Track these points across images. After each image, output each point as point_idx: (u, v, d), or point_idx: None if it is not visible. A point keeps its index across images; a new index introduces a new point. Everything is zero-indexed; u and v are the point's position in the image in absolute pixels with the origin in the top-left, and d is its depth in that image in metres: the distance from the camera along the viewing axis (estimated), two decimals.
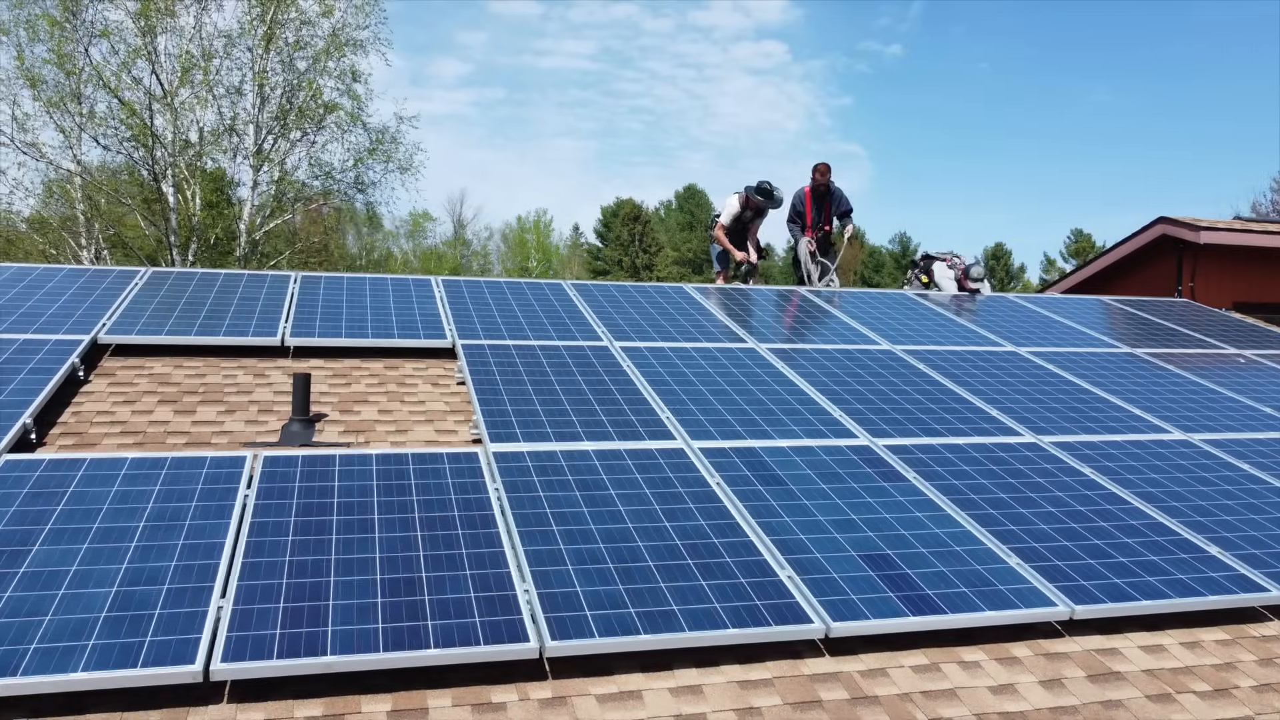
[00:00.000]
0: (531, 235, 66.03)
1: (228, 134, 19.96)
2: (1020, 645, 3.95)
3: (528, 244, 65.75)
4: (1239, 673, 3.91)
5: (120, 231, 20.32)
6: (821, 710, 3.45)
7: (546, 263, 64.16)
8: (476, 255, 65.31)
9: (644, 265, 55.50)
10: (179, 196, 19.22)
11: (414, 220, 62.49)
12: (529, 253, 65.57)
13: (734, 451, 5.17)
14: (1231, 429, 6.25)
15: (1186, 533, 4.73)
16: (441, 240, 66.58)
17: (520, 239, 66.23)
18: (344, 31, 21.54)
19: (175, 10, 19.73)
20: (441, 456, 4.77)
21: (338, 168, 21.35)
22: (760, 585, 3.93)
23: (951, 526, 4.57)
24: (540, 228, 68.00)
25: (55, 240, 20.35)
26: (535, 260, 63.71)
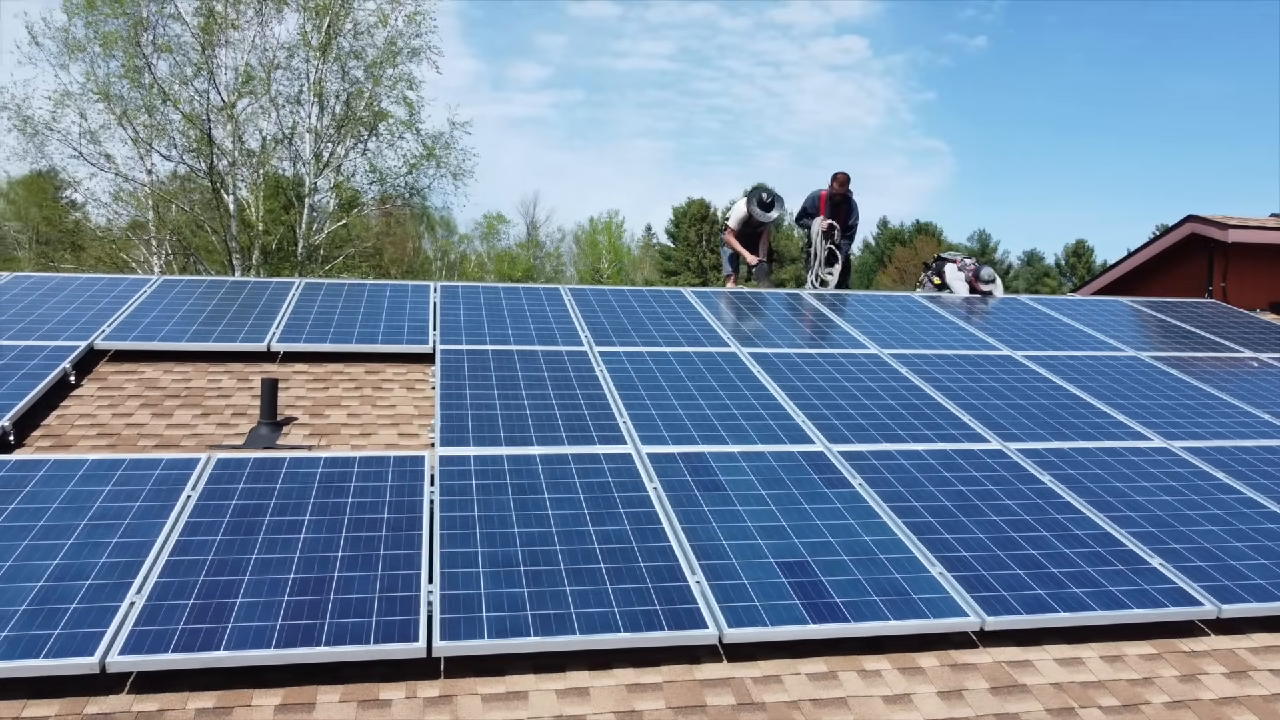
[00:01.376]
0: (603, 236, 66.47)
1: (286, 142, 20.61)
2: (929, 655, 3.93)
3: (599, 245, 66.18)
4: (1155, 688, 3.83)
5: (186, 239, 21.14)
6: (703, 715, 3.49)
7: (618, 264, 64.48)
8: (550, 257, 65.98)
9: (711, 265, 55.30)
10: (239, 205, 19.91)
11: (488, 223, 63.36)
12: (600, 254, 65.99)
13: (681, 456, 5.22)
14: (1220, 436, 6.06)
15: (1132, 544, 4.62)
16: (515, 242, 67.30)
17: (592, 240, 66.69)
18: (400, 40, 22.06)
19: (239, 24, 20.47)
20: (388, 460, 4.93)
21: (393, 173, 21.87)
22: (666, 590, 3.98)
23: (882, 534, 4.54)
24: (612, 229, 68.38)
25: (124, 246, 21.27)
26: (607, 261, 64.06)
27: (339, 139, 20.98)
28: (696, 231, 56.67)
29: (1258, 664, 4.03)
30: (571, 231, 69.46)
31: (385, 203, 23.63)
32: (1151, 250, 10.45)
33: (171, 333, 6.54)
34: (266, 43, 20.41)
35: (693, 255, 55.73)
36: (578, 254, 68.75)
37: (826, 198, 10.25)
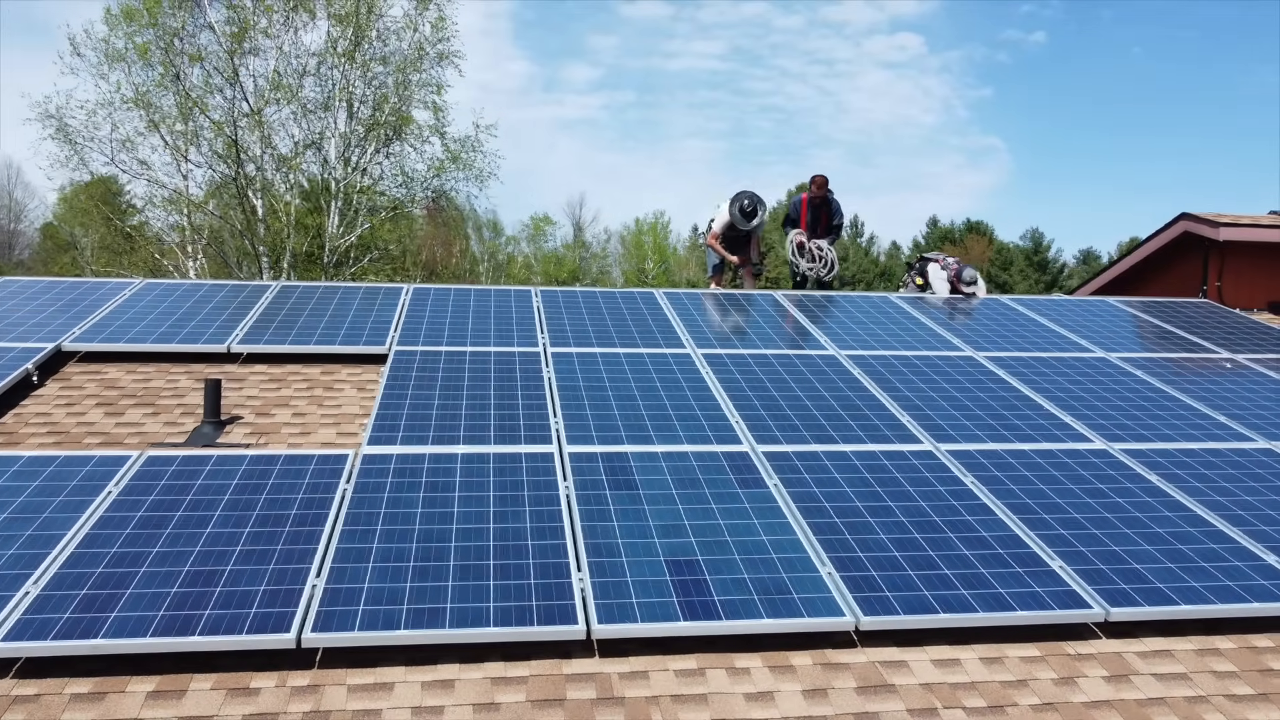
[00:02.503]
0: (649, 237, 66.63)
1: (314, 148, 21.05)
2: (804, 654, 3.96)
3: (644, 246, 66.37)
4: (1027, 691, 3.82)
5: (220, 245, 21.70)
6: (560, 709, 3.57)
7: (663, 264, 64.57)
8: (595, 257, 66.28)
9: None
10: (267, 210, 20.39)
11: (534, 224, 63.87)
12: (646, 255, 66.20)
13: (603, 456, 5.30)
14: (1166, 439, 5.97)
15: (1037, 546, 4.60)
16: (561, 244, 67.76)
17: (638, 241, 66.87)
18: (426, 44, 22.38)
19: (272, 32, 20.95)
20: (311, 458, 5.08)
21: (421, 177, 22.22)
22: (547, 587, 4.07)
23: (782, 534, 4.58)
24: (658, 230, 68.51)
25: (163, 251, 21.89)
26: (651, 262, 64.19)
27: (366, 144, 21.36)
28: None
29: (1141, 667, 3.99)
30: (617, 232, 69.69)
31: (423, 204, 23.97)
32: (1147, 249, 10.25)
33: (139, 334, 6.78)
34: (296, 50, 20.87)
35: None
36: (623, 255, 69.01)
37: (807, 201, 10.25)
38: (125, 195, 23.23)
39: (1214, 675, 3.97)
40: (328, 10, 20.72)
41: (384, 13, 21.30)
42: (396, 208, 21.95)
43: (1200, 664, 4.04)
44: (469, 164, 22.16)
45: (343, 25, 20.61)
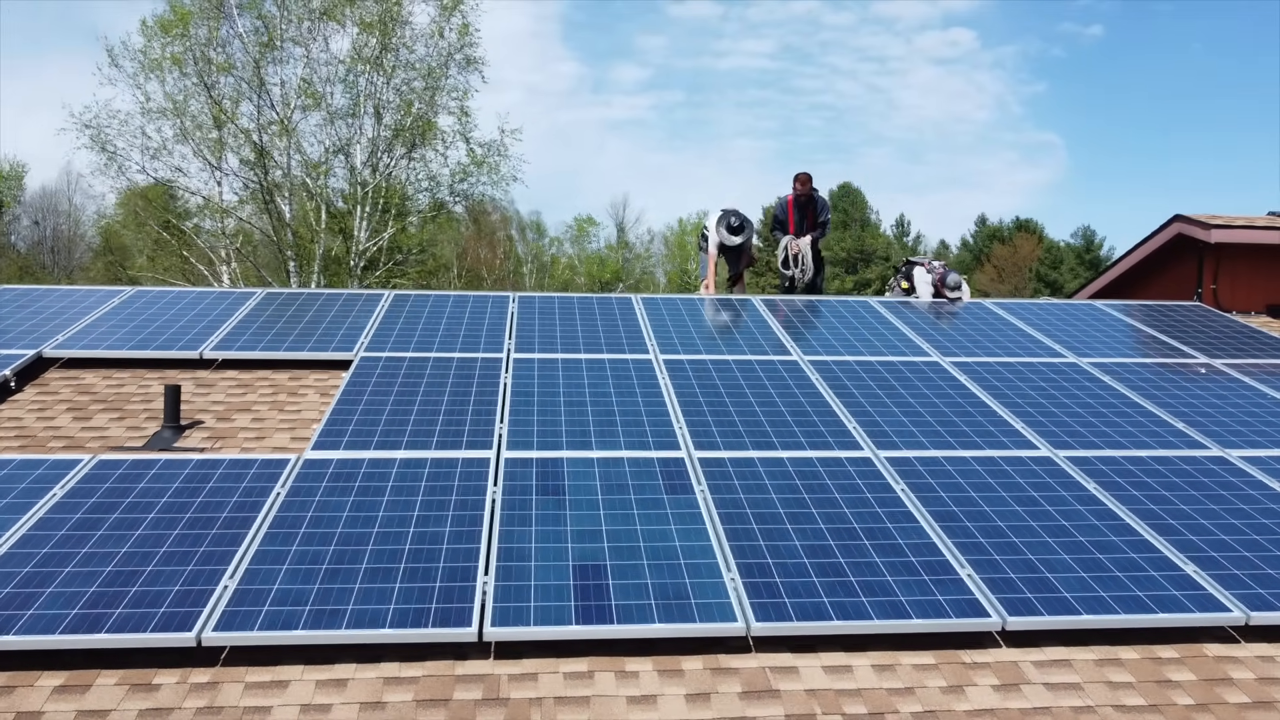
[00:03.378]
0: (692, 237, 66.60)
1: (340, 154, 21.48)
2: (695, 659, 4.03)
3: (688, 246, 66.38)
4: (912, 698, 3.85)
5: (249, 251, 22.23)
6: (444, 709, 3.69)
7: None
8: (638, 258, 66.44)
9: None
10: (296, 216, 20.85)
11: (578, 225, 64.18)
12: (689, 255, 66.23)
13: (538, 461, 5.41)
14: (1117, 446, 5.92)
15: (950, 554, 4.61)
16: (605, 244, 67.98)
17: (680, 241, 66.91)
18: (457, 51, 22.70)
19: (301, 40, 21.41)
20: (254, 462, 5.26)
21: (446, 182, 22.56)
22: (450, 590, 4.19)
23: (696, 540, 4.65)
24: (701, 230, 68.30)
25: (199, 256, 22.48)
26: (695, 263, 64.11)
27: (392, 149, 21.74)
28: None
29: (1035, 677, 4.00)
30: (660, 233, 69.72)
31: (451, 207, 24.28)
32: (1143, 252, 10.10)
33: (118, 341, 7.04)
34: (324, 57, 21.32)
35: (774, 255, 55.27)
36: (666, 256, 69.08)
37: (793, 201, 10.27)
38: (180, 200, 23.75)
39: (1108, 686, 3.97)
40: (353, 19, 21.11)
41: (409, 20, 21.69)
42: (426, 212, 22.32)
43: (1097, 674, 4.04)
44: (494, 168, 22.45)
45: (369, 33, 20.99)
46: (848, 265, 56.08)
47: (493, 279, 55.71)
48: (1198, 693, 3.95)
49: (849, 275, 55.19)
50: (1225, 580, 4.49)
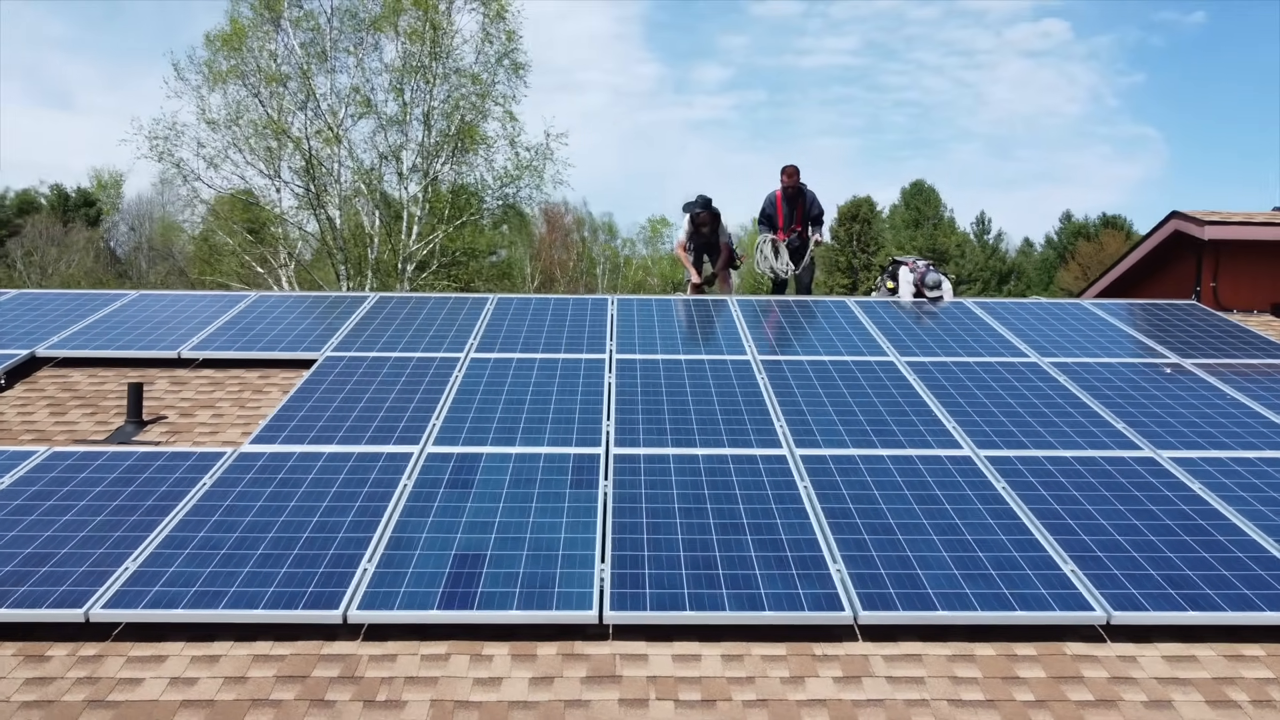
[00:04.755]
0: None
1: (392, 159, 22.15)
2: (552, 645, 4.20)
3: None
4: (750, 687, 3.95)
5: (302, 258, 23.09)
6: (300, 685, 3.94)
7: None
8: None
9: (861, 265, 54.29)
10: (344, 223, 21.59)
11: (651, 226, 64.50)
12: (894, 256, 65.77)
13: (458, 456, 5.64)
14: (1044, 445, 5.88)
15: (827, 549, 4.68)
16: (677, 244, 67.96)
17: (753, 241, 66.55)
18: (508, 56, 23.20)
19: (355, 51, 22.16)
20: (191, 455, 5.61)
21: (491, 187, 23.06)
22: (331, 574, 4.44)
23: (583, 532, 4.82)
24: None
25: (258, 259, 23.43)
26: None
27: (439, 154, 22.32)
28: (847, 230, 55.73)
29: (880, 670, 4.07)
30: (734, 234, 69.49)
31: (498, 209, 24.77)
32: (1142, 250, 9.87)
33: (107, 342, 7.52)
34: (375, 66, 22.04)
35: (842, 254, 54.90)
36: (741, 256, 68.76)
37: (781, 196, 10.30)
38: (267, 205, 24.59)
39: (952, 681, 4.02)
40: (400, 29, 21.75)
41: (457, 29, 22.26)
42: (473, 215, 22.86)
43: (945, 669, 4.08)
44: (537, 171, 22.86)
45: (417, 42, 21.60)
46: None
47: (566, 280, 56.32)
48: (1041, 690, 3.97)
49: None
50: (1102, 580, 4.48)
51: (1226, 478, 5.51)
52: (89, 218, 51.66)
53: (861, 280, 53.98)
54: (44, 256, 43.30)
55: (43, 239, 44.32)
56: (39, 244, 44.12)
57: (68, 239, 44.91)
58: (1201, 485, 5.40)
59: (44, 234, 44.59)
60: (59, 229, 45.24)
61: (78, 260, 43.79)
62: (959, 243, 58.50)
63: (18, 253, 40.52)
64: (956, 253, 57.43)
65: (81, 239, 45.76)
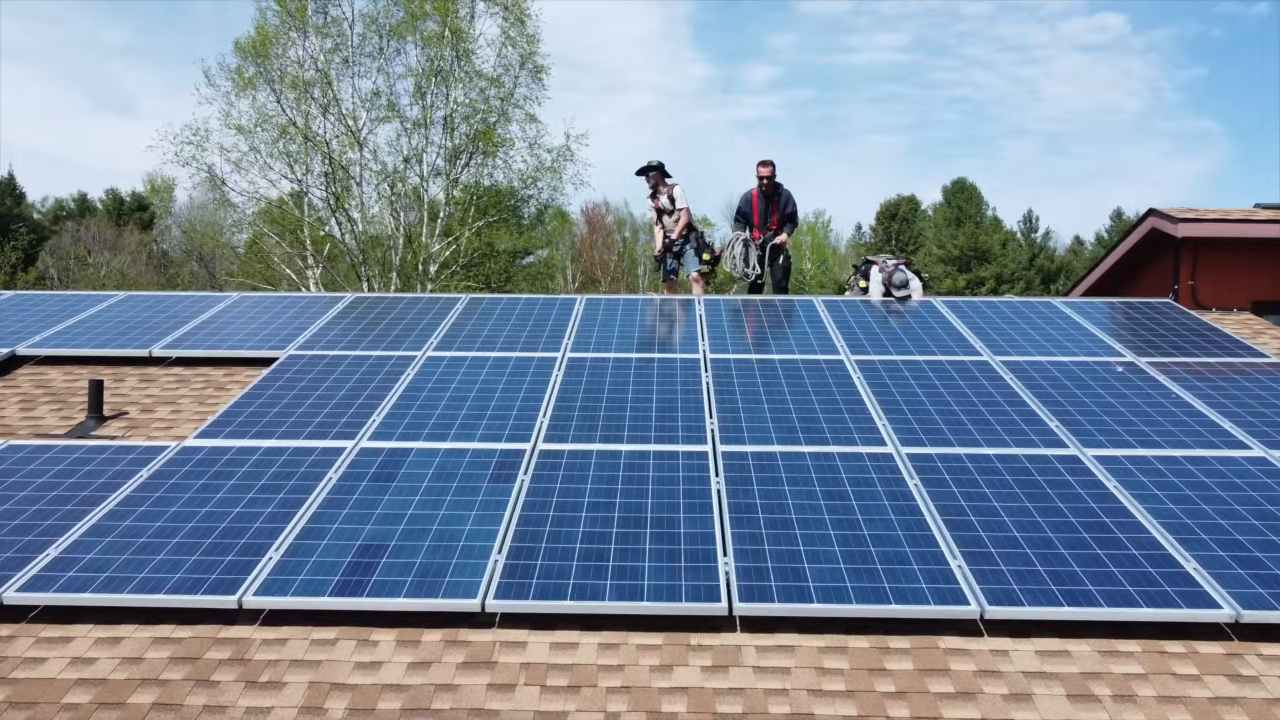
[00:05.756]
0: (808, 236, 66.20)
1: (414, 161, 22.53)
2: (438, 632, 4.36)
3: (803, 245, 65.91)
4: (619, 675, 4.07)
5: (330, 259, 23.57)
6: (191, 665, 4.14)
7: (821, 263, 64.03)
8: None
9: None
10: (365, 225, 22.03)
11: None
12: (804, 254, 65.78)
13: (388, 451, 5.82)
14: (970, 444, 5.90)
15: (720, 543, 4.78)
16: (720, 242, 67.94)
17: (796, 240, 66.35)
18: (530, 59, 23.49)
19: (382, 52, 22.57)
20: (136, 448, 5.87)
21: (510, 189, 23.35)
22: (236, 562, 4.64)
23: (488, 525, 4.97)
24: (817, 229, 68.10)
25: (287, 261, 23.98)
26: (810, 262, 63.75)
27: (460, 157, 22.66)
28: (885, 229, 55.33)
29: (750, 660, 4.16)
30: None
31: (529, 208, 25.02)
32: (1122, 248, 9.76)
33: (86, 341, 7.84)
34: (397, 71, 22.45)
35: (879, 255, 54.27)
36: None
37: (757, 194, 10.34)
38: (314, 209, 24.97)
39: (818, 671, 4.10)
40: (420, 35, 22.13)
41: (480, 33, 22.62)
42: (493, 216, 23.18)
43: (814, 660, 4.17)
44: (557, 173, 23.11)
45: (433, 46, 21.96)
46: (960, 264, 54.52)
47: (608, 280, 56.59)
48: (904, 682, 4.04)
49: (961, 274, 53.64)
50: (986, 575, 4.53)
51: (1146, 475, 5.50)
52: (142, 221, 53.03)
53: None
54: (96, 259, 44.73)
55: (96, 242, 45.80)
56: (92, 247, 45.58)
57: (119, 242, 46.29)
58: (1117, 483, 5.40)
59: (97, 237, 46.06)
60: (111, 232, 46.64)
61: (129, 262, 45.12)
62: (1004, 240, 57.61)
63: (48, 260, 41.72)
64: (1000, 251, 56.62)
65: (133, 242, 47.10)
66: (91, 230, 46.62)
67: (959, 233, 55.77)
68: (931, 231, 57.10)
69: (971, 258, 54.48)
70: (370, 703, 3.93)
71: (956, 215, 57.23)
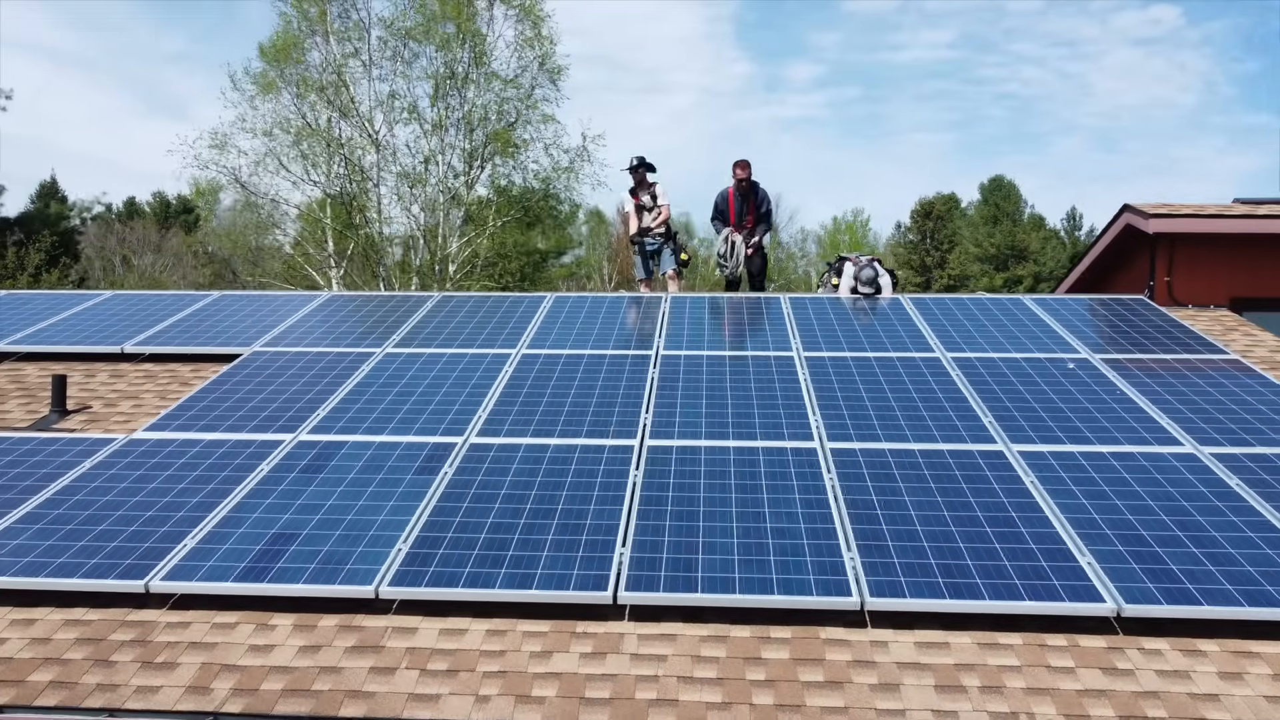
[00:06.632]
0: (846, 236, 65.87)
1: (433, 162, 22.85)
2: (334, 617, 4.49)
3: (841, 245, 65.58)
4: (499, 660, 4.17)
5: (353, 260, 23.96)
6: (95, 646, 4.32)
7: None
8: (791, 257, 66.07)
9: (935, 263, 53.28)
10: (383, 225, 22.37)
11: None
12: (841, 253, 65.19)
13: (323, 444, 5.98)
14: (899, 439, 5.91)
15: (622, 534, 4.86)
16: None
17: (834, 240, 66.21)
18: (549, 60, 23.70)
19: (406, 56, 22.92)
20: (85, 440, 6.09)
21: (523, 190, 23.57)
22: (152, 550, 4.81)
23: (401, 515, 5.10)
24: (855, 228, 67.73)
25: (314, 264, 24.43)
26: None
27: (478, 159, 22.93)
28: (920, 228, 54.81)
29: (628, 648, 4.24)
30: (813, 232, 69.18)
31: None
32: (1100, 245, 9.64)
33: (65, 338, 8.12)
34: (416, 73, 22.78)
35: (914, 254, 53.96)
36: (820, 255, 68.52)
37: (733, 192, 10.37)
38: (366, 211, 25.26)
39: (693, 660, 4.16)
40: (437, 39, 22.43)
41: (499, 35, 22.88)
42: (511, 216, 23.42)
43: (693, 649, 4.23)
44: (575, 173, 23.30)
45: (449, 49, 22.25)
46: (998, 262, 53.84)
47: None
48: (776, 671, 4.09)
49: (999, 273, 52.97)
50: (876, 567, 4.56)
51: (1067, 471, 5.49)
52: (187, 224, 54.26)
53: (935, 279, 53.01)
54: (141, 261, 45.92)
55: (141, 245, 47.03)
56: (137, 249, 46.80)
57: (164, 244, 47.45)
58: (1035, 479, 5.39)
59: (142, 240, 47.28)
60: (156, 235, 47.82)
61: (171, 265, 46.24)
62: (1045, 238, 56.76)
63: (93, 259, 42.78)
64: (1039, 249, 55.84)
65: (176, 244, 48.24)
66: (137, 232, 47.86)
67: (996, 231, 55.08)
68: (968, 230, 56.41)
69: (1009, 256, 53.76)
70: (255, 683, 4.08)
71: (994, 213, 56.48)
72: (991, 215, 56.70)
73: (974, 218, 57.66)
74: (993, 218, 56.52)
